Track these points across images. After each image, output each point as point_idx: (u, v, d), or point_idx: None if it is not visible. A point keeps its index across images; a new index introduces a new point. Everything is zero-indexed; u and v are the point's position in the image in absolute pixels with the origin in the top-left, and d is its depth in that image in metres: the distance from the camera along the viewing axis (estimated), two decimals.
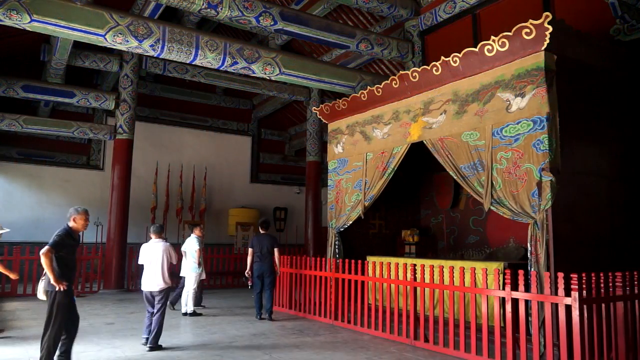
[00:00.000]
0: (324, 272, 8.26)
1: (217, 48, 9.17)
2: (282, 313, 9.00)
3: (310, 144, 15.36)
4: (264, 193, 19.11)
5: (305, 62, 10.65)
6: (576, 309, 4.72)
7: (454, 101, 6.75)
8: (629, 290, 5.17)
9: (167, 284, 6.27)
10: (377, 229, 9.73)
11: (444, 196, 9.58)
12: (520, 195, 5.72)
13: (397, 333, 6.69)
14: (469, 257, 8.71)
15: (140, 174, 15.76)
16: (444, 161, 6.81)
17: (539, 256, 5.45)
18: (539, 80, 5.65)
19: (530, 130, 5.70)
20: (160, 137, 17.16)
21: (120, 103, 12.82)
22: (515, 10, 9.21)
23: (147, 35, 8.49)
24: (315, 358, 5.70)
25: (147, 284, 6.24)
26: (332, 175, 9.08)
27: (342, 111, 8.85)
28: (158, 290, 6.20)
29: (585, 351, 4.69)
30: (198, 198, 16.86)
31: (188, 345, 6.26)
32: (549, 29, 5.44)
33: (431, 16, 11.18)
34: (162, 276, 6.23)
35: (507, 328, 5.30)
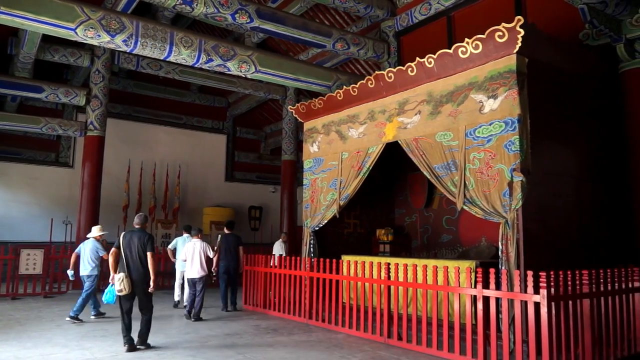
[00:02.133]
0: (298, 272, 8.25)
1: (192, 45, 9.06)
2: (256, 313, 8.96)
3: (285, 143, 15.33)
4: (239, 192, 18.97)
5: (281, 60, 10.62)
6: (544, 306, 4.83)
7: (429, 102, 6.83)
8: (595, 287, 5.32)
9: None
10: (352, 228, 9.77)
11: (418, 196, 9.68)
12: (492, 195, 5.82)
13: (371, 331, 6.74)
14: (442, 256, 8.83)
15: (112, 172, 15.45)
16: (418, 161, 6.88)
17: (509, 255, 5.56)
18: (511, 82, 5.77)
19: (502, 132, 5.81)
20: (132, 134, 16.84)
21: (91, 99, 12.53)
22: (489, 14, 9.38)
23: (119, 30, 8.33)
24: (290, 357, 5.69)
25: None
26: (308, 174, 9.08)
27: (318, 110, 8.85)
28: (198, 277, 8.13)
29: (553, 347, 4.81)
30: (171, 197, 16.63)
31: (160, 346, 6.16)
32: (520, 32, 5.55)
33: (407, 17, 11.28)
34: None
35: (479, 325, 5.39)
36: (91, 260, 8.09)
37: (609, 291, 5.47)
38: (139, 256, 6.04)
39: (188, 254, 8.17)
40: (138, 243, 6.06)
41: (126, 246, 6.06)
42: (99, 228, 8.46)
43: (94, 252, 8.12)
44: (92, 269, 8.11)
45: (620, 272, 5.68)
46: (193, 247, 8.20)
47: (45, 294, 10.74)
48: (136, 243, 6.06)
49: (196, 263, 8.11)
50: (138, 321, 6.10)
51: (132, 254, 6.03)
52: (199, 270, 8.09)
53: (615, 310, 5.53)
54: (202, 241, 8.29)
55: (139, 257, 6.04)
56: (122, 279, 5.90)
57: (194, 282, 8.13)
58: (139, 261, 6.04)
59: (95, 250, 8.13)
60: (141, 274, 6.03)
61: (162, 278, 11.99)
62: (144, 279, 6.05)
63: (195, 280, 8.10)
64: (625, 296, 5.70)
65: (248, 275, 9.53)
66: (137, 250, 6.04)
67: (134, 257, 6.03)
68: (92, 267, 8.10)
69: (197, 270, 8.09)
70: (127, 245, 6.06)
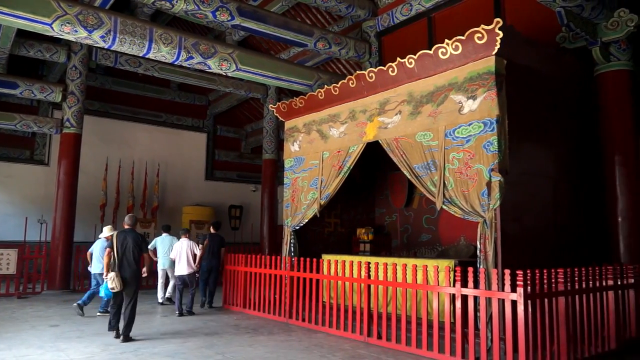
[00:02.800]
0: (279, 271, 8.23)
1: (171, 42, 8.95)
2: (236, 312, 8.91)
3: (266, 142, 15.27)
4: (219, 191, 18.84)
5: (262, 59, 10.58)
6: (521, 304, 4.90)
7: (409, 102, 6.87)
8: (570, 286, 5.43)
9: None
10: (333, 228, 9.78)
11: (398, 195, 9.74)
12: (471, 195, 5.89)
13: (351, 330, 6.75)
14: (421, 255, 8.89)
15: (89, 170, 15.19)
16: (398, 161, 6.92)
17: (487, 254, 5.63)
18: (490, 83, 5.84)
19: (481, 132, 5.88)
20: (110, 132, 16.57)
21: (67, 95, 12.29)
22: (469, 15, 9.48)
23: (97, 25, 8.19)
24: (269, 357, 5.67)
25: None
26: (289, 173, 9.06)
27: (299, 109, 8.84)
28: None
29: (530, 344, 4.89)
30: (150, 195, 16.43)
31: (138, 347, 6.08)
32: (499, 34, 5.63)
33: (388, 17, 11.34)
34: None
35: (457, 324, 5.45)
36: (101, 258, 8.29)
37: (583, 289, 5.59)
38: (133, 255, 6.42)
39: (176, 253, 8.75)
40: (133, 243, 6.43)
41: (120, 246, 6.41)
42: (110, 228, 8.67)
43: (103, 251, 8.14)
44: (102, 267, 8.13)
45: (595, 271, 5.80)
46: (181, 246, 8.78)
47: (19, 295, 10.50)
48: (131, 243, 6.43)
49: (184, 261, 8.66)
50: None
51: (126, 254, 6.40)
52: (187, 267, 8.64)
53: (590, 308, 5.65)
54: (189, 240, 8.89)
55: (133, 256, 6.41)
56: (114, 277, 6.26)
57: (182, 278, 8.69)
58: (133, 260, 6.41)
59: (104, 250, 8.12)
60: (134, 271, 6.43)
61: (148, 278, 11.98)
62: (135, 276, 6.46)
63: (184, 277, 8.66)
64: (599, 294, 5.83)
65: (228, 274, 9.47)
66: (131, 250, 6.41)
67: (127, 256, 6.39)
68: (102, 265, 8.19)
69: (186, 268, 8.64)
70: (121, 245, 6.42)
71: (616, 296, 6.01)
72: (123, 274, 6.36)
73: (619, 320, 5.99)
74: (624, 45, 7.16)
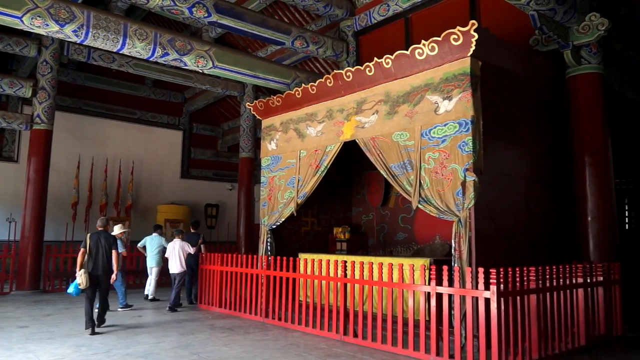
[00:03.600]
0: (255, 270, 8.19)
1: (146, 38, 8.81)
2: (211, 312, 8.83)
3: (243, 140, 15.17)
4: (195, 189, 18.63)
5: (239, 56, 10.50)
6: (494, 302, 4.99)
7: (386, 102, 6.91)
8: (541, 283, 5.55)
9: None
10: (310, 227, 9.78)
11: (374, 194, 9.80)
12: (446, 194, 5.96)
13: (327, 329, 6.76)
14: (397, 254, 8.97)
15: (60, 168, 14.85)
16: (375, 160, 6.96)
17: (461, 252, 5.71)
18: (465, 84, 5.92)
19: (456, 132, 5.96)
20: (83, 128, 16.21)
21: (38, 91, 11.96)
22: (445, 17, 9.59)
23: (69, 19, 8.00)
24: (245, 356, 5.63)
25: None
26: (265, 172, 9.02)
27: (276, 108, 8.80)
28: None
29: (502, 341, 4.98)
30: (124, 193, 16.15)
31: (111, 347, 5.97)
32: (474, 36, 5.70)
33: (366, 17, 11.38)
34: None
35: (432, 321, 5.51)
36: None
37: (554, 287, 5.71)
38: (105, 254, 6.94)
39: (169, 252, 9.19)
40: (105, 243, 7.00)
41: (93, 246, 6.94)
42: (120, 226, 8.84)
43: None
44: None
45: (565, 269, 5.94)
46: (173, 246, 9.16)
47: None
48: (103, 243, 6.99)
49: (176, 260, 9.05)
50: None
51: (98, 253, 6.92)
52: (178, 266, 9.05)
53: (560, 305, 5.78)
54: (181, 240, 9.25)
55: (105, 255, 6.94)
56: (82, 274, 6.69)
57: (174, 277, 9.10)
58: (105, 259, 6.94)
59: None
60: (106, 270, 6.96)
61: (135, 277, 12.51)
62: (107, 274, 6.97)
63: (175, 275, 9.08)
64: (569, 292, 5.97)
65: (204, 274, 9.39)
66: (103, 250, 6.95)
67: (100, 256, 6.92)
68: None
69: (177, 267, 9.05)
70: (94, 245, 6.95)
71: (585, 294, 6.17)
72: (96, 272, 6.86)
73: (588, 317, 6.14)
74: (594, 49, 7.34)
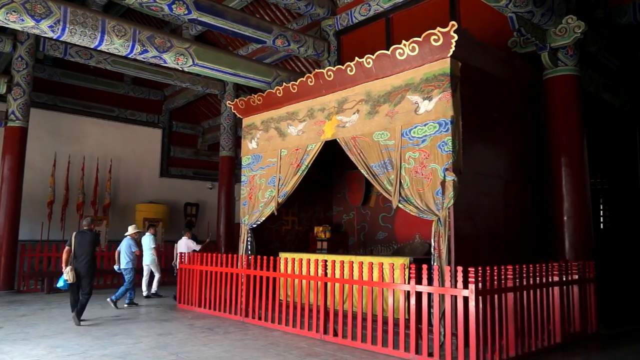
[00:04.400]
0: (235, 269, 8.14)
1: (125, 34, 8.68)
2: (191, 311, 8.75)
3: (224, 139, 15.07)
4: (175, 188, 18.43)
5: (220, 54, 10.43)
6: (472, 300, 5.05)
7: (367, 101, 6.94)
8: (518, 282, 5.64)
9: None
10: (290, 226, 9.76)
11: (355, 194, 9.83)
12: (426, 194, 6.01)
13: (307, 328, 6.76)
14: (377, 253, 9.01)
15: (36, 166, 14.54)
16: (356, 159, 6.98)
17: (441, 251, 5.76)
18: (445, 85, 5.97)
19: (436, 132, 6.01)
20: (59, 126, 15.89)
21: (12, 87, 11.70)
22: (426, 17, 9.67)
23: (45, 15, 7.83)
24: (225, 356, 5.59)
25: None
26: (246, 171, 8.97)
27: (257, 106, 8.76)
28: None
29: (480, 339, 5.04)
30: (102, 192, 15.88)
31: (87, 348, 5.87)
32: (454, 37, 5.76)
33: (347, 17, 11.40)
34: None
35: (411, 320, 5.55)
36: (126, 255, 9.20)
37: (530, 285, 5.81)
38: (88, 253, 7.34)
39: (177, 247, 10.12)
40: (88, 242, 7.39)
41: (77, 245, 7.34)
42: (134, 227, 9.49)
43: (129, 249, 9.24)
44: (127, 263, 9.18)
45: (541, 268, 6.04)
46: (180, 243, 10.22)
47: None
48: (86, 242, 7.38)
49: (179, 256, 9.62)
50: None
51: (81, 251, 7.31)
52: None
53: (537, 303, 5.88)
54: (188, 238, 10.15)
55: (88, 254, 7.33)
56: (69, 271, 7.21)
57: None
58: (88, 257, 7.34)
59: (129, 247, 9.26)
60: (89, 267, 7.34)
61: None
62: (89, 270, 7.36)
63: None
64: (545, 290, 6.08)
65: (183, 273, 9.29)
66: (86, 249, 7.33)
67: (83, 254, 7.30)
68: (127, 261, 9.18)
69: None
70: (79, 244, 7.35)
71: (561, 292, 6.29)
72: (78, 269, 7.27)
73: (564, 314, 6.26)
74: (571, 51, 7.48)
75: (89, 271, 7.38)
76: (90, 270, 7.40)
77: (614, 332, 7.09)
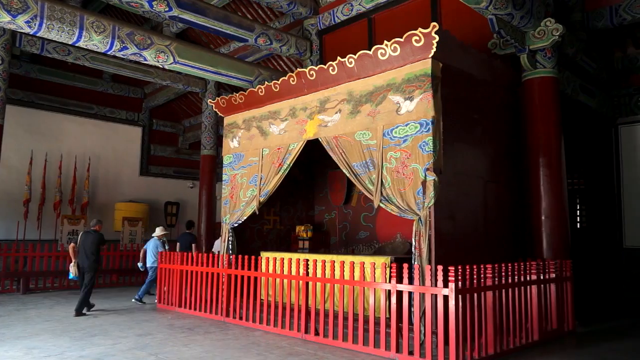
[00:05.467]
0: (216, 269, 8.08)
1: (104, 30, 8.54)
2: (170, 311, 8.66)
3: (205, 137, 14.94)
4: (155, 187, 18.22)
5: (201, 52, 10.33)
6: (452, 299, 5.10)
7: (349, 101, 6.95)
8: (497, 280, 5.71)
9: None
10: (272, 225, 9.74)
11: (337, 193, 9.85)
12: (407, 193, 6.05)
13: (288, 327, 6.75)
14: (359, 252, 9.04)
15: (11, 164, 14.24)
16: (338, 159, 6.99)
17: (422, 250, 5.81)
18: (426, 85, 6.02)
19: (417, 132, 6.05)
20: (36, 123, 15.56)
21: None
22: (408, 18, 9.72)
23: (22, 9, 7.66)
24: (205, 356, 5.55)
25: None
26: (227, 169, 8.91)
27: (238, 105, 8.71)
28: None
29: (460, 337, 5.09)
30: (80, 191, 15.60)
31: (64, 350, 5.77)
32: (435, 38, 5.81)
33: (329, 16, 11.41)
34: None
35: (392, 319, 5.58)
36: (153, 254, 9.77)
37: (509, 284, 5.90)
38: (91, 251, 8.29)
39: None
40: (91, 241, 8.34)
41: (81, 243, 8.38)
42: (161, 229, 10.03)
43: (155, 248, 9.76)
44: (153, 262, 9.76)
45: (520, 266, 6.14)
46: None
47: None
48: (89, 241, 8.34)
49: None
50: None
51: (84, 249, 8.31)
52: None
53: (515, 301, 5.97)
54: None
55: (90, 251, 8.29)
56: (72, 266, 8.30)
57: None
58: (90, 254, 8.29)
59: (156, 247, 9.77)
60: (90, 263, 8.30)
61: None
62: (90, 267, 8.29)
63: None
64: (524, 288, 6.17)
65: (163, 273, 9.19)
66: (89, 247, 8.30)
67: (85, 251, 8.29)
68: (152, 260, 9.76)
69: None
70: (82, 242, 8.38)
71: (539, 290, 6.39)
72: (81, 264, 8.27)
73: (542, 313, 6.37)
74: (549, 54, 7.60)
75: (90, 268, 8.28)
76: (91, 267, 8.27)
77: (590, 330, 7.24)
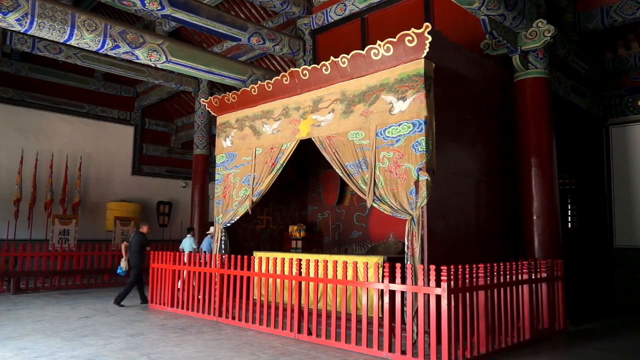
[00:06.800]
0: (208, 269, 8.06)
1: (96, 29, 8.49)
2: (163, 311, 8.63)
3: (198, 137, 14.88)
4: (147, 186, 18.13)
5: (194, 51, 10.30)
6: (445, 298, 5.12)
7: (342, 101, 6.96)
8: (489, 280, 5.74)
9: None
10: (265, 225, 9.72)
11: (330, 193, 9.85)
12: (400, 193, 6.06)
13: (281, 327, 6.74)
14: (352, 252, 9.05)
15: (2, 163, 14.15)
16: (330, 159, 7.00)
17: (414, 250, 5.82)
18: (419, 85, 6.04)
19: (410, 132, 6.07)
20: (27, 122, 15.43)
21: None
22: (401, 19, 9.75)
23: (12, 7, 7.60)
24: (198, 356, 5.54)
25: None
26: (220, 169, 8.89)
27: (231, 104, 8.69)
28: None
29: (452, 336, 5.11)
30: (71, 190, 15.50)
31: (55, 350, 5.72)
32: (428, 38, 5.83)
33: (322, 16, 11.41)
34: None
35: (385, 318, 5.59)
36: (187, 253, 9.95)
37: (501, 283, 5.93)
38: (135, 250, 9.37)
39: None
40: (135, 241, 9.42)
41: (131, 243, 9.50)
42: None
43: (190, 247, 10.39)
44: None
45: (512, 266, 6.17)
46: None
47: None
48: (134, 241, 9.43)
49: None
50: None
51: (132, 248, 9.41)
52: None
53: (507, 300, 6.01)
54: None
55: (135, 250, 9.37)
56: (123, 261, 9.45)
57: None
58: (134, 252, 9.37)
59: (190, 245, 10.45)
60: (135, 260, 9.36)
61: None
62: (135, 263, 9.37)
63: None
64: (515, 288, 6.21)
65: (155, 272, 9.15)
66: (134, 246, 9.39)
67: (132, 250, 9.40)
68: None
69: None
70: (131, 242, 9.51)
71: (530, 289, 6.43)
72: (131, 260, 9.38)
73: (533, 312, 6.41)
74: (541, 54, 7.65)
75: (135, 264, 9.36)
76: (135, 263, 9.35)
77: (581, 329, 7.30)
